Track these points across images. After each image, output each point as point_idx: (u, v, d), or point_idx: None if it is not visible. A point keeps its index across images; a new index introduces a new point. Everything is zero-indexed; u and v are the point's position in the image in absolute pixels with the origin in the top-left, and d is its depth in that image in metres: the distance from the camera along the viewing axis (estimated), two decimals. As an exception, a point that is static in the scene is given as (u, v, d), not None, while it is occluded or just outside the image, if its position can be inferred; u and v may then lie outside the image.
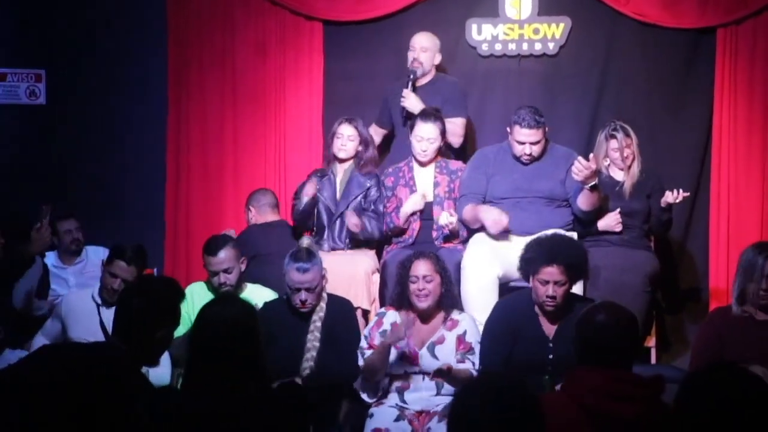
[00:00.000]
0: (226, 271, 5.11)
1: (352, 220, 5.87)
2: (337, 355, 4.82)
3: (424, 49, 6.25)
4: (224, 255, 5.11)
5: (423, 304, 4.82)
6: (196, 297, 5.14)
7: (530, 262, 4.68)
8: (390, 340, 4.70)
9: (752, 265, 4.53)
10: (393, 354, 4.78)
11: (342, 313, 4.98)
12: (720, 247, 6.43)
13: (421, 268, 4.83)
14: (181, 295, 3.59)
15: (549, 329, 4.68)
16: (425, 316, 4.87)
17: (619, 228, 5.77)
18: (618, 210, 5.80)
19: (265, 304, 5.00)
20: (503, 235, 5.57)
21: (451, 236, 5.84)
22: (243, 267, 5.22)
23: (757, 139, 6.45)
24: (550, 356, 4.60)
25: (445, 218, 5.72)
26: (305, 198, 5.96)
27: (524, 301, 4.79)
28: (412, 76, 6.19)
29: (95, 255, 6.28)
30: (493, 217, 5.53)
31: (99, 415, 3.05)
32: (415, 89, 6.19)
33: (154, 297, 3.44)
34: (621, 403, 3.22)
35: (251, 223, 6.17)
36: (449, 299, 4.90)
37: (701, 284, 6.59)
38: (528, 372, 4.48)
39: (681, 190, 5.79)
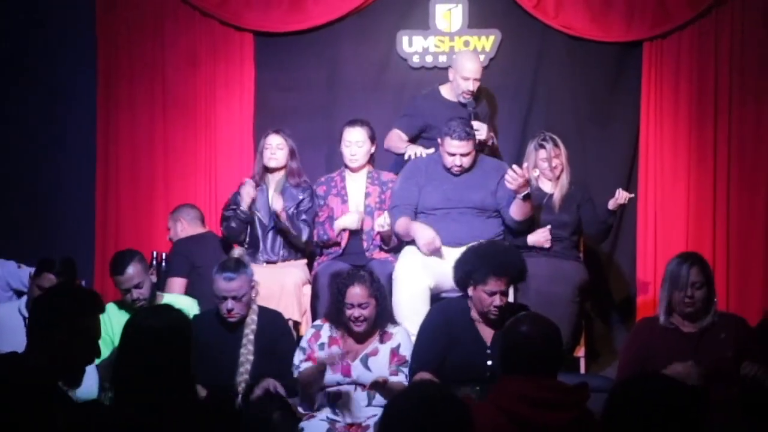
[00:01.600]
0: (137, 286, 5.05)
1: (278, 203, 5.84)
2: (273, 368, 4.80)
3: (478, 80, 6.16)
4: (132, 271, 5.04)
5: (359, 329, 4.82)
6: (114, 318, 5.07)
7: (473, 272, 4.68)
8: (327, 360, 4.71)
9: (677, 274, 4.60)
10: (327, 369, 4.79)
11: (275, 325, 4.95)
12: (647, 258, 6.52)
13: (357, 294, 4.80)
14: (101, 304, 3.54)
15: (487, 335, 4.71)
16: (360, 335, 4.88)
17: (548, 245, 5.81)
18: (549, 227, 5.84)
19: (195, 316, 4.97)
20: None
21: (383, 242, 5.85)
22: (153, 279, 5.18)
23: (683, 151, 6.56)
24: (489, 363, 4.63)
25: (381, 221, 5.73)
26: (247, 199, 5.88)
27: (460, 307, 4.81)
28: (471, 109, 6.10)
29: None
30: (426, 237, 5.54)
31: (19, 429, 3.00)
32: (478, 119, 6.12)
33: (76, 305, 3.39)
34: (547, 411, 3.26)
35: (179, 237, 6.11)
36: (384, 318, 4.91)
37: (629, 294, 6.68)
38: (467, 378, 4.55)
39: (626, 192, 5.88)
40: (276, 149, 6.04)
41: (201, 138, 6.72)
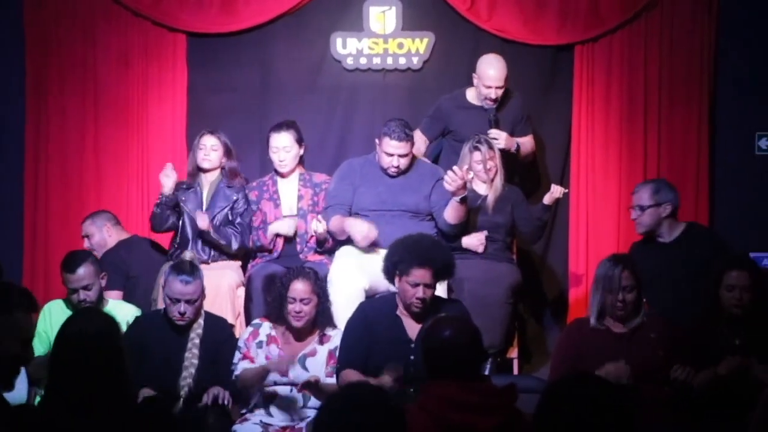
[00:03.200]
0: (85, 288, 5.00)
1: (203, 222, 5.81)
2: (217, 374, 4.78)
3: (500, 87, 6.11)
4: (83, 271, 5.00)
5: (299, 323, 4.82)
6: (54, 315, 5.03)
7: (399, 263, 4.69)
8: (272, 368, 4.70)
9: (609, 277, 4.64)
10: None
11: (220, 332, 4.94)
12: (579, 260, 6.58)
13: (300, 289, 4.81)
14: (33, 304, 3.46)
15: (412, 331, 4.70)
16: (300, 333, 4.87)
17: (481, 249, 5.84)
18: (485, 232, 5.87)
19: (138, 317, 4.95)
20: (370, 247, 5.60)
21: (318, 244, 5.85)
22: (103, 283, 5.13)
23: (614, 153, 6.63)
24: (412, 357, 4.61)
25: (315, 225, 5.73)
26: (168, 183, 5.85)
27: (387, 303, 4.83)
28: (491, 116, 6.10)
29: None
30: (361, 230, 5.56)
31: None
32: (498, 126, 6.11)
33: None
34: (476, 415, 3.26)
35: (109, 246, 5.98)
36: (324, 318, 4.91)
37: (562, 296, 6.73)
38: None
39: (560, 186, 5.94)
40: (210, 150, 6.01)
41: (133, 139, 6.64)
